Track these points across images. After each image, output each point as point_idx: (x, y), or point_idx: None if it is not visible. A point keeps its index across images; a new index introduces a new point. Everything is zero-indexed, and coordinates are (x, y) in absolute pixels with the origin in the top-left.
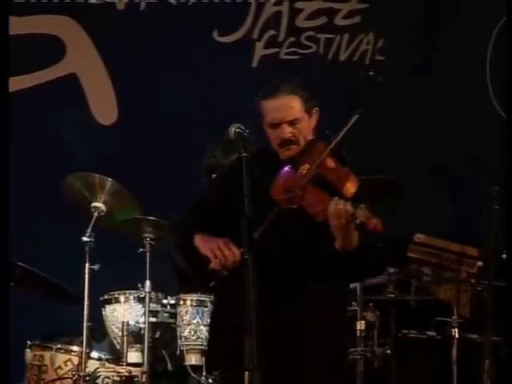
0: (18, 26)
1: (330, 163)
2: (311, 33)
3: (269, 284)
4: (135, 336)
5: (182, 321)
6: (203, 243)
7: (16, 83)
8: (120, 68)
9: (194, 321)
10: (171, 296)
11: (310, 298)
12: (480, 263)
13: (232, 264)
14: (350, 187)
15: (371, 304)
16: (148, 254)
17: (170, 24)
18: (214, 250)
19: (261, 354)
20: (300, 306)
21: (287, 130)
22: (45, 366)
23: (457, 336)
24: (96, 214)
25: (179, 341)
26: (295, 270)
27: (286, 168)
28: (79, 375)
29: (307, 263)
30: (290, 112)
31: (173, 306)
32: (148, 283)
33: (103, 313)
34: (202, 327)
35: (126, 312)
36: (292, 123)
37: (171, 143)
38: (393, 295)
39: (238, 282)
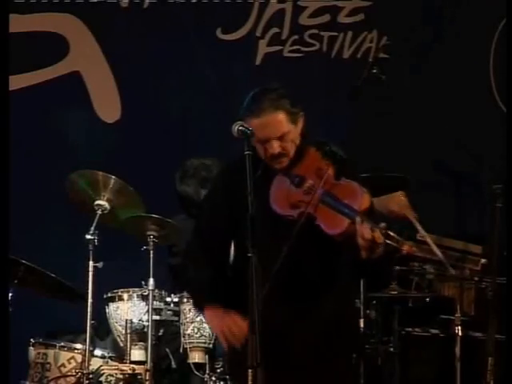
0: (22, 24)
1: (330, 171)
2: (314, 30)
3: (281, 297)
4: (138, 334)
5: (186, 318)
6: (212, 322)
7: (19, 81)
8: (123, 66)
9: (197, 318)
10: (174, 294)
11: (320, 312)
12: (484, 261)
13: (241, 339)
14: (364, 203)
15: (374, 301)
16: (151, 252)
17: (174, 22)
18: (224, 331)
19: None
20: (311, 320)
21: (276, 145)
22: (48, 363)
23: (460, 334)
24: (99, 212)
25: (182, 338)
26: (307, 283)
27: (281, 177)
28: (82, 373)
29: (319, 275)
30: (277, 128)
31: (176, 303)
32: (151, 281)
33: (106, 311)
34: (205, 325)
35: (129, 310)
36: (280, 138)
37: (174, 141)
38: (395, 292)
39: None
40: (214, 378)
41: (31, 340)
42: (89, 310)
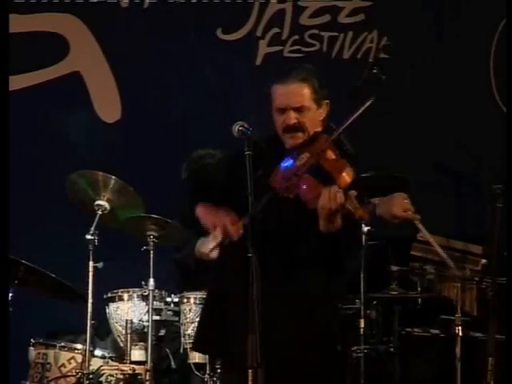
0: (22, 24)
1: (330, 155)
2: (315, 31)
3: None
4: (139, 334)
5: (186, 319)
6: (205, 216)
7: (20, 81)
8: (123, 66)
9: (197, 319)
10: (175, 294)
11: (299, 284)
12: (484, 261)
13: (234, 234)
14: (346, 177)
15: (374, 302)
16: (152, 252)
17: (174, 22)
18: (217, 223)
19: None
20: (287, 292)
21: (292, 116)
22: (48, 363)
23: (460, 334)
24: (100, 212)
25: (183, 339)
26: (287, 258)
27: (288, 158)
28: (83, 373)
29: (300, 251)
30: (298, 99)
31: (176, 303)
32: (151, 281)
33: (107, 311)
34: None
35: (129, 310)
36: (298, 110)
37: (174, 141)
38: (396, 293)
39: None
40: (214, 378)
41: (31, 340)
42: (89, 310)
